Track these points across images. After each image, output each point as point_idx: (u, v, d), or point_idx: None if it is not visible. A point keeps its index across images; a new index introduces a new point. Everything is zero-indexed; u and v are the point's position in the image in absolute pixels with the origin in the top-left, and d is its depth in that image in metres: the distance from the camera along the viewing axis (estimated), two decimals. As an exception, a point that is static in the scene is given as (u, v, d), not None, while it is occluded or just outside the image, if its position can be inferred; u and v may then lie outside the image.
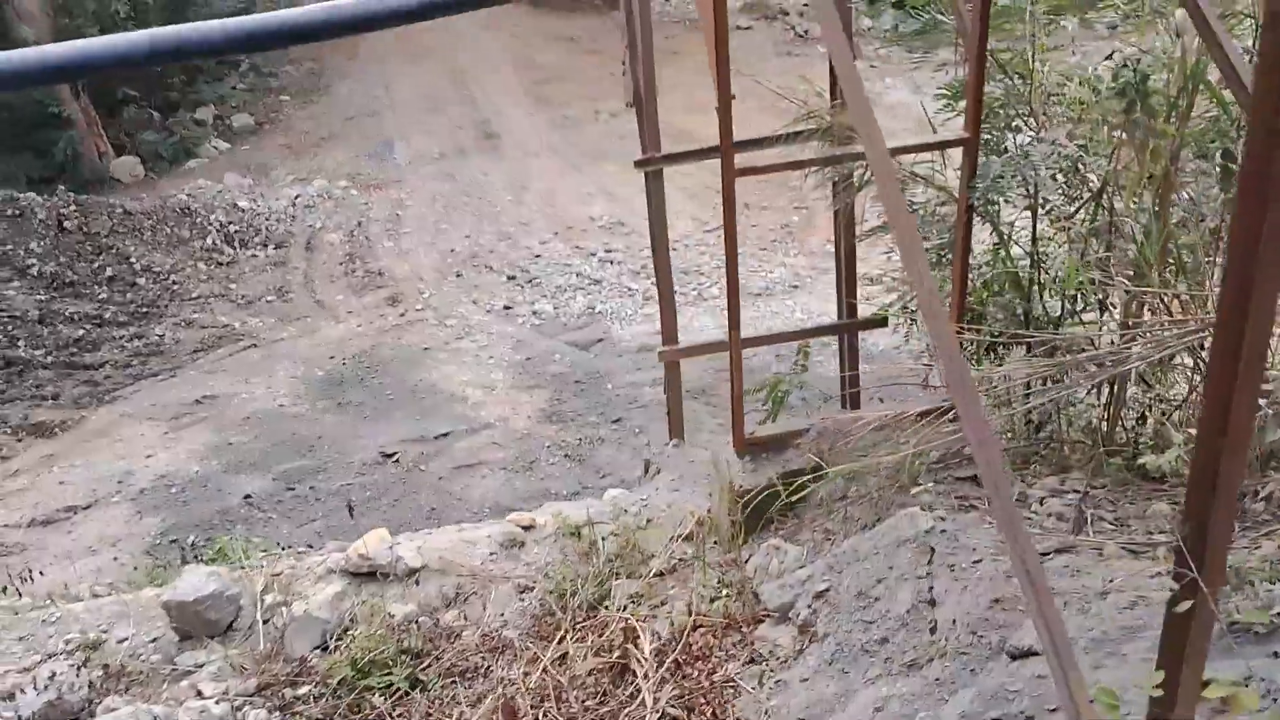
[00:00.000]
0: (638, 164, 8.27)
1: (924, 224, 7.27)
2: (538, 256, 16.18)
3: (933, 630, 4.54)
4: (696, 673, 5.47)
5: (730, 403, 6.91)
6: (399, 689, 6.08)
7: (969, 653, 4.32)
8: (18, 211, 15.50)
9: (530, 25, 26.90)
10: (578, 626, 6.41)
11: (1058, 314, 6.82)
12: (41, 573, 8.99)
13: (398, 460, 12.06)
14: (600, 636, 6.31)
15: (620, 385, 12.76)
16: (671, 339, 8.78)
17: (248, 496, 11.78)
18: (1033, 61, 6.63)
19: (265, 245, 17.26)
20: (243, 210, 17.83)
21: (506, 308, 14.88)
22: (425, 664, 6.32)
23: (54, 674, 6.14)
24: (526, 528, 7.67)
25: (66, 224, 15.73)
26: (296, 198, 18.81)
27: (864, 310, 8.12)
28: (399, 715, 5.96)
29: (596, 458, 11.58)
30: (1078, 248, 6.38)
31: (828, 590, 5.63)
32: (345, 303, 15.50)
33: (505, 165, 20.03)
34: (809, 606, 5.62)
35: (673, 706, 5.22)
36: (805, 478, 6.31)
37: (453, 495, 11.47)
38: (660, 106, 21.50)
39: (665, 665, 5.55)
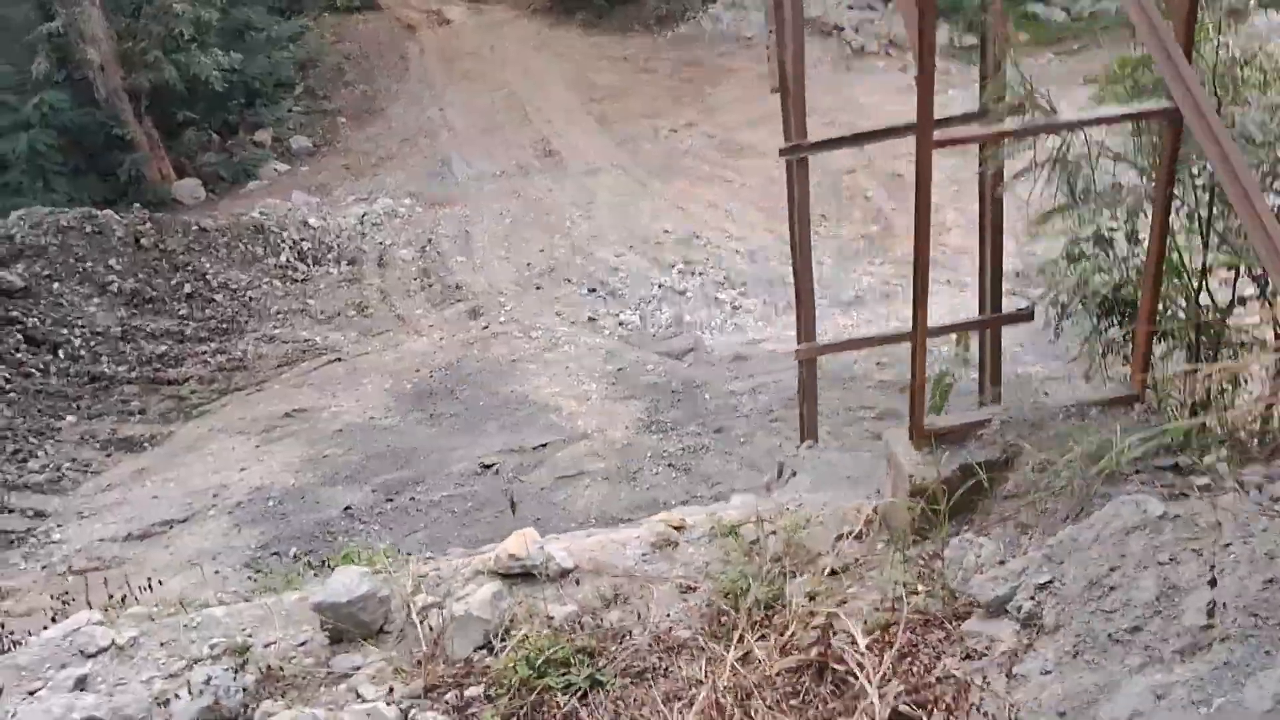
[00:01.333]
0: (782, 151, 8.14)
1: (1095, 204, 7.05)
2: (615, 269, 16.03)
3: (1210, 614, 4.31)
4: (920, 668, 5.23)
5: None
6: (580, 688, 5.84)
7: (1256, 635, 4.10)
8: (96, 229, 15.45)
9: (582, 47, 26.92)
10: (755, 625, 6.18)
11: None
12: (160, 582, 8.83)
13: (497, 471, 11.89)
14: (783, 635, 6.07)
15: (718, 395, 12.58)
16: (809, 335, 8.60)
17: (348, 508, 11.62)
18: (1218, 34, 6.44)
19: (338, 262, 17.19)
20: (313, 228, 17.78)
21: (591, 319, 14.73)
22: (601, 664, 6.08)
23: (209, 678, 5.93)
24: (677, 528, 7.46)
25: (143, 241, 15.68)
26: (364, 215, 18.77)
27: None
28: (586, 714, 5.71)
29: (702, 467, 11.38)
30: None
31: (1051, 582, 5.38)
32: (425, 316, 15.39)
33: (569, 182, 19.93)
34: (1032, 599, 5.37)
35: (904, 704, 4.98)
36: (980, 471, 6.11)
37: (557, 506, 11.28)
38: (717, 121, 21.56)
39: (886, 661, 5.32)
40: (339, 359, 14.48)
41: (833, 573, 6.47)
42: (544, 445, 12.14)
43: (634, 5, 27.81)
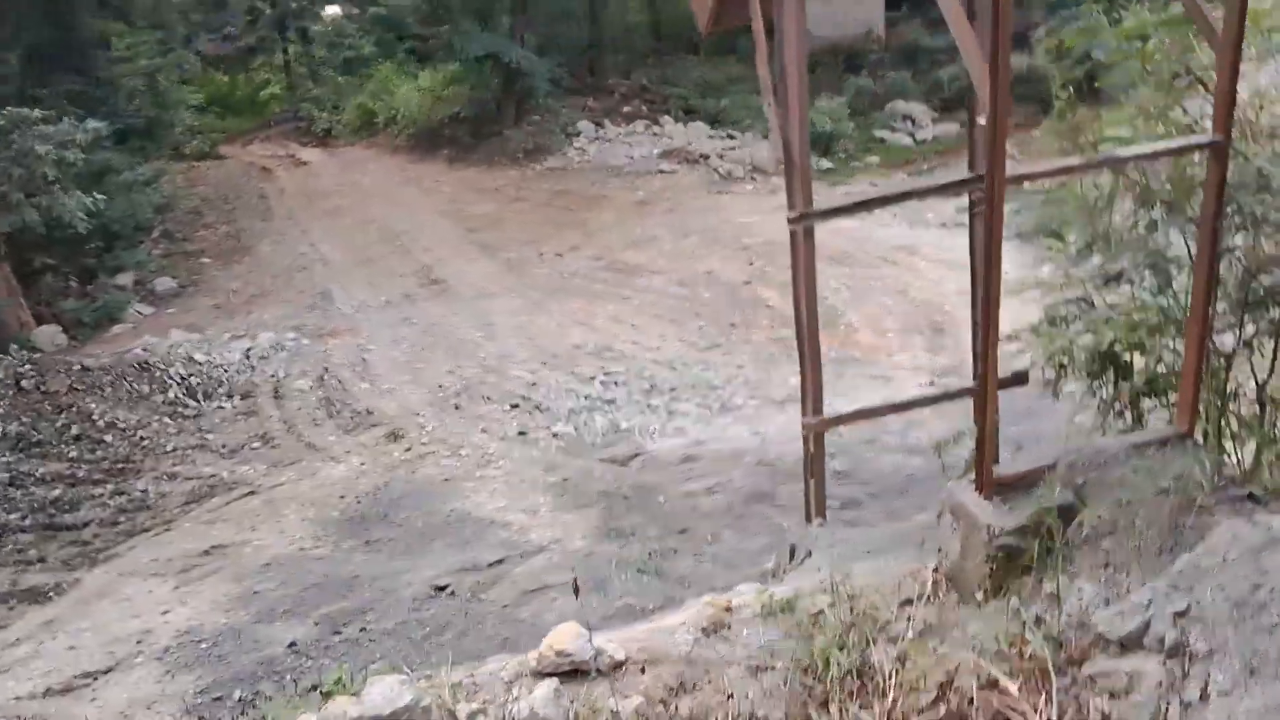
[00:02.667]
0: (791, 221, 7.99)
1: (1119, 244, 7.13)
2: (533, 384, 15.64)
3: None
4: (1073, 711, 4.94)
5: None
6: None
7: None
8: (-30, 373, 14.28)
9: (450, 180, 26.91)
10: (851, 696, 5.81)
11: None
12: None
13: (453, 592, 11.16)
14: (885, 700, 5.72)
15: (673, 497, 12.20)
16: (816, 408, 8.39)
17: (292, 644, 10.67)
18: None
19: (230, 396, 16.31)
20: (199, 363, 16.90)
21: (521, 433, 14.24)
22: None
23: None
24: (726, 609, 7.02)
25: (24, 383, 14.57)
26: (249, 350, 17.97)
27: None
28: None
29: (675, 569, 10.93)
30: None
31: (1188, 609, 5.20)
32: (339, 443, 14.61)
33: (462, 307, 19.58)
34: (1173, 627, 5.17)
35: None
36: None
37: (524, 623, 10.61)
38: (600, 244, 21.72)
39: (1042, 704, 5.01)
40: (252, 492, 13.55)
41: (916, 636, 6.17)
42: (499, 562, 11.49)
43: (498, 140, 28.03)
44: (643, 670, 6.31)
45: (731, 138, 27.20)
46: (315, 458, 14.28)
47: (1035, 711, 5.04)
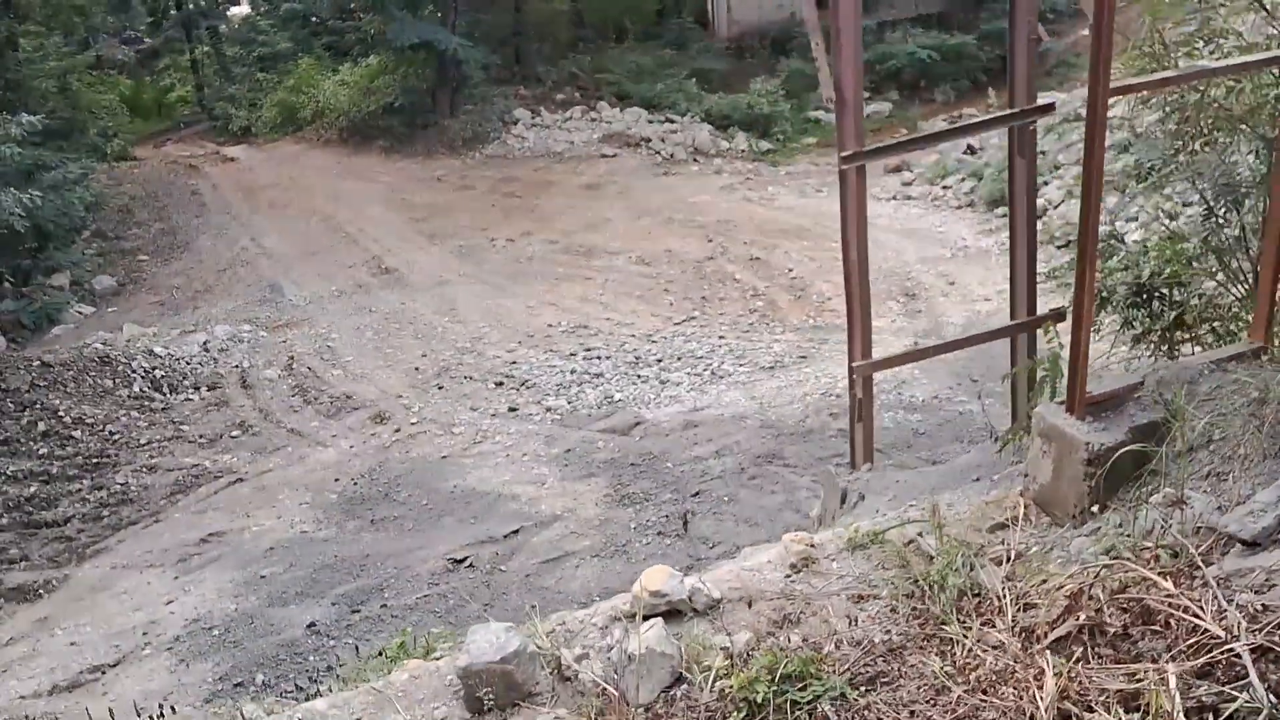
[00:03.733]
0: (843, 159, 8.02)
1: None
2: (514, 363, 15.48)
3: None
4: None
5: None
6: (819, 703, 5.24)
7: None
8: (-71, 372, 13.66)
9: (388, 171, 26.50)
10: (969, 614, 5.81)
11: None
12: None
13: (471, 565, 11.01)
14: (1006, 617, 5.73)
15: (681, 462, 12.17)
16: (865, 351, 8.44)
17: (311, 625, 10.44)
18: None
19: (197, 388, 15.85)
20: (160, 356, 16.36)
21: (512, 409, 14.09)
22: (825, 680, 5.48)
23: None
24: (810, 546, 6.98)
25: (-15, 380, 13.96)
26: (206, 343, 17.45)
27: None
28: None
29: (696, 529, 10.92)
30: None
31: (1319, 506, 5.31)
32: (324, 428, 14.30)
33: (420, 294, 19.28)
34: (1311, 522, 5.28)
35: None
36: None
37: (549, 590, 10.53)
38: (554, 228, 21.69)
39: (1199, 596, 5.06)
40: (239, 479, 13.19)
41: (1012, 559, 6.21)
42: (515, 533, 11.36)
43: (435, 129, 27.68)
44: (747, 606, 6.27)
45: (671, 121, 27.24)
46: (300, 443, 13.95)
47: (1193, 604, 5.09)
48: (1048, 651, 5.44)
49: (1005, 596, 5.90)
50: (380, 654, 7.92)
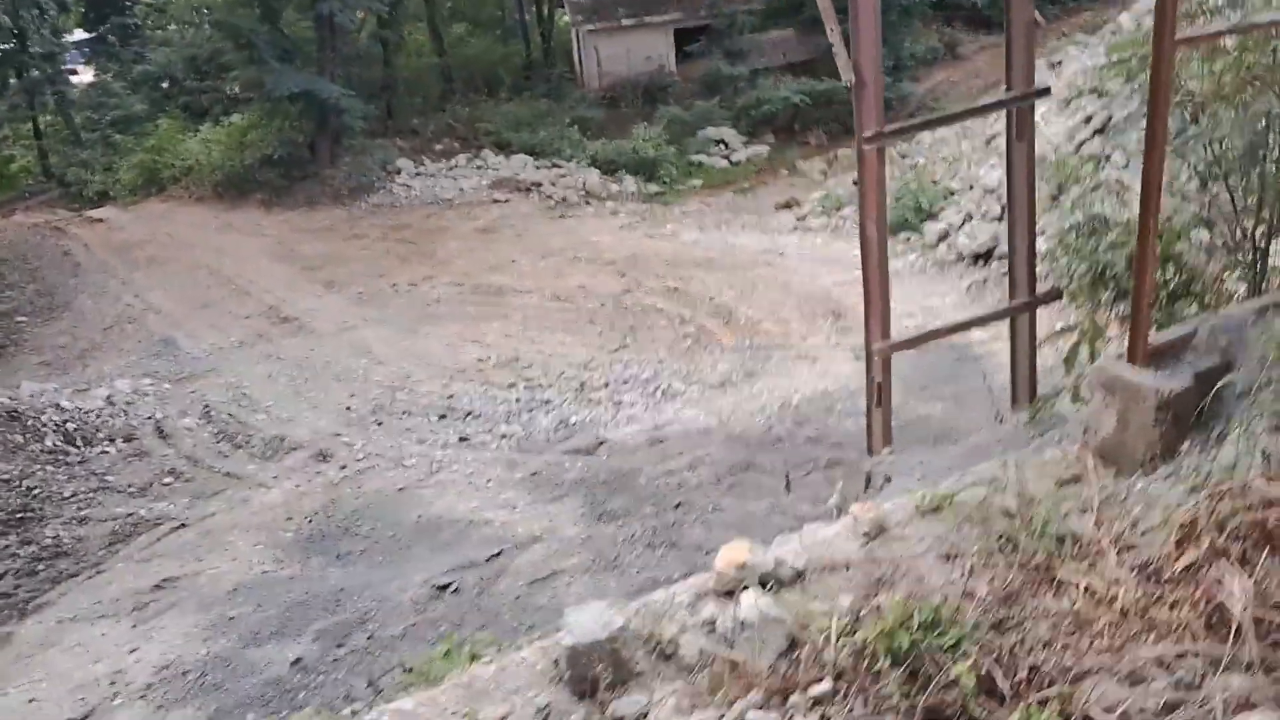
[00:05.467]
0: (866, 140, 8.10)
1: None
2: (451, 396, 15.13)
3: None
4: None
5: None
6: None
7: None
8: None
9: (271, 224, 25.82)
10: (1072, 558, 5.87)
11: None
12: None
13: (457, 590, 10.61)
14: (1109, 558, 5.81)
15: (654, 476, 12.03)
16: (885, 332, 8.52)
17: (297, 662, 9.89)
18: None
19: (112, 440, 14.98)
20: (68, 410, 15.44)
21: (463, 439, 13.73)
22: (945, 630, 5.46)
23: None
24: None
25: (-118, 440, 12.92)
26: (109, 396, 16.56)
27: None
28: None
29: (687, 538, 10.77)
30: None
31: None
32: (262, 470, 13.67)
33: (328, 340, 18.72)
34: None
35: None
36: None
37: (544, 608, 10.20)
38: (455, 271, 21.47)
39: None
40: (182, 525, 12.47)
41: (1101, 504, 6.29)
42: (496, 555, 11.01)
43: (315, 180, 27.13)
44: (831, 573, 6.20)
45: (559, 166, 27.31)
46: (240, 486, 13.29)
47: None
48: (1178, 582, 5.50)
49: (1104, 539, 5.96)
50: (428, 663, 7.56)
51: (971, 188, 19.51)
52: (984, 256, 17.48)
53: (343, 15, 26.13)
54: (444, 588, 10.65)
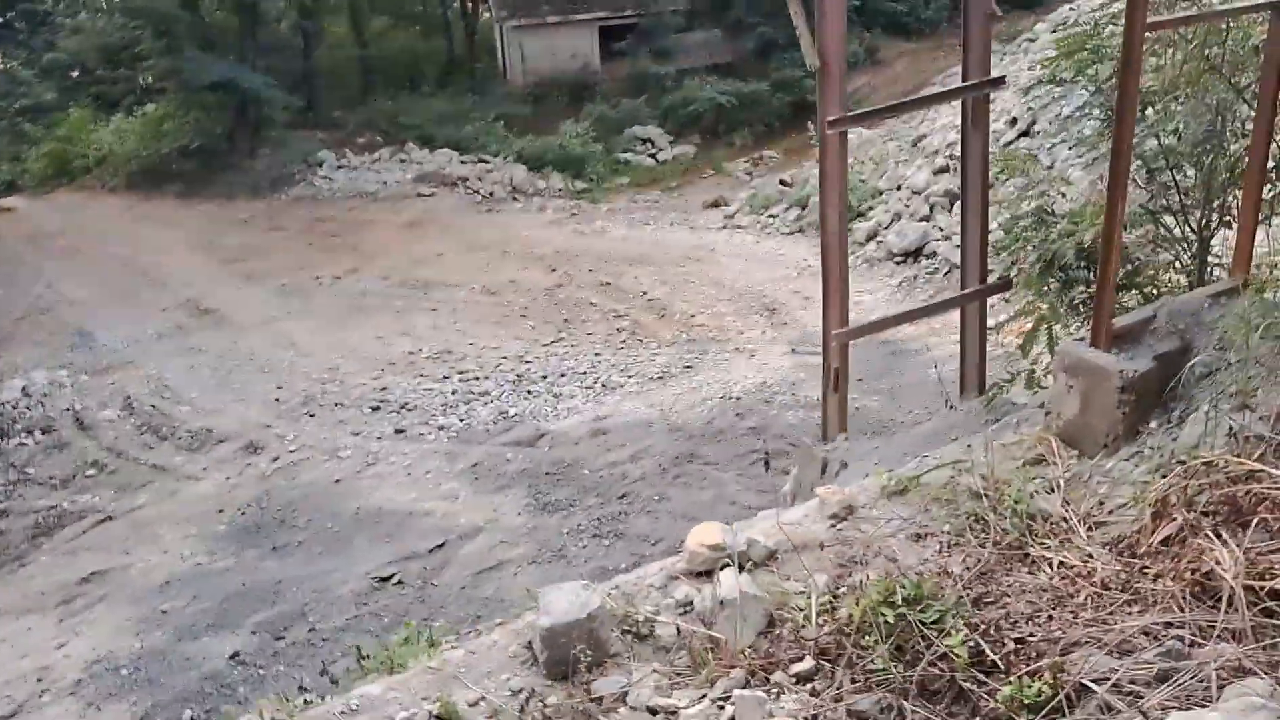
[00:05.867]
0: (830, 124, 8.10)
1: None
2: (384, 389, 14.87)
3: None
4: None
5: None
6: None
7: None
8: None
9: (188, 215, 25.19)
10: (1044, 535, 5.95)
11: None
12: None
13: (400, 581, 10.44)
14: (1080, 535, 5.89)
15: (597, 468, 11.96)
16: (843, 320, 8.54)
17: (234, 656, 9.64)
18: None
19: (30, 432, 14.49)
20: (-24, 404, 14.92)
21: (399, 431, 13.50)
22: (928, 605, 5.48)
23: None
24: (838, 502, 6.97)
25: None
26: (25, 388, 16.01)
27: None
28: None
29: (633, 528, 10.72)
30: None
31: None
32: (190, 461, 13.31)
33: (251, 332, 18.29)
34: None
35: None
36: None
37: (490, 600, 10.11)
38: (381, 265, 21.24)
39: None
40: (108, 518, 12.11)
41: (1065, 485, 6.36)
42: (440, 546, 10.85)
43: (233, 172, 26.54)
44: (803, 554, 6.19)
45: (484, 162, 27.06)
46: (167, 478, 12.93)
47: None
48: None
49: (1073, 518, 6.04)
50: (387, 651, 7.39)
51: (899, 188, 19.77)
52: (913, 254, 17.73)
53: (266, 1, 25.60)
54: (387, 579, 10.47)
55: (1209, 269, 8.68)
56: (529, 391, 14.21)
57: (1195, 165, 8.06)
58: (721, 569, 6.00)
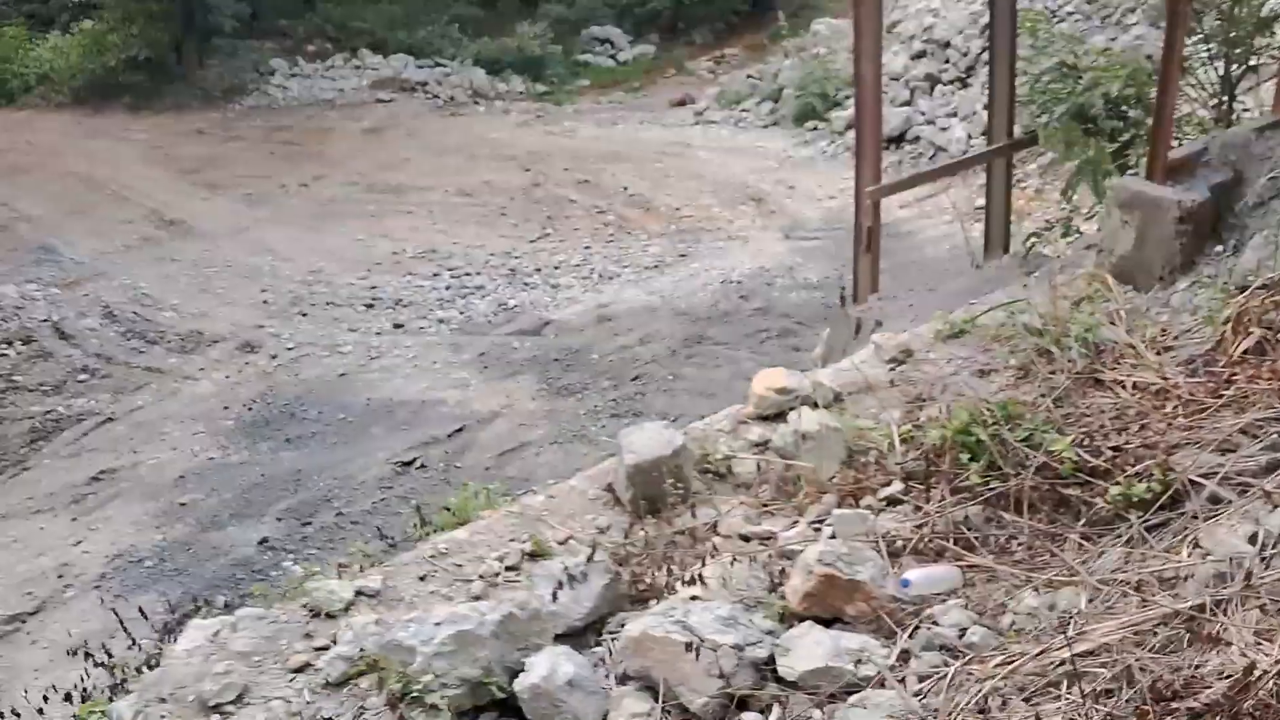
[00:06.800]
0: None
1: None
2: (374, 287, 14.64)
3: None
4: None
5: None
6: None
7: None
8: None
9: (141, 128, 24.38)
10: (1115, 362, 5.99)
11: None
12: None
13: (423, 465, 10.37)
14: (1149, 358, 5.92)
15: (607, 353, 11.91)
16: (875, 177, 8.52)
17: (263, 542, 9.55)
18: None
19: (9, 343, 14.05)
20: (-56, 314, 14.47)
21: (397, 325, 13.33)
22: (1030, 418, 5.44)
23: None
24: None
25: None
26: (-5, 301, 15.55)
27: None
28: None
29: (652, 406, 10.71)
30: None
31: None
32: (185, 363, 13.04)
33: (223, 241, 17.84)
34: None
35: None
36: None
37: (515, 479, 10.04)
38: (348, 171, 20.80)
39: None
40: (109, 419, 11.85)
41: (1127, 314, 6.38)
42: (459, 431, 10.79)
43: (183, 83, 25.74)
44: (882, 391, 6.22)
45: (442, 65, 26.48)
46: (164, 379, 12.67)
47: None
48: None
49: (1140, 343, 6.11)
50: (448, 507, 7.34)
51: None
52: (896, 140, 17.68)
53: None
54: (409, 464, 10.39)
55: (1235, 116, 8.74)
56: (525, 284, 14.07)
57: (1220, 16, 8.09)
58: (790, 411, 6.02)
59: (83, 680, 6.03)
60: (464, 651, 3.96)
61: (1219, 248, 6.80)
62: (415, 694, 3.82)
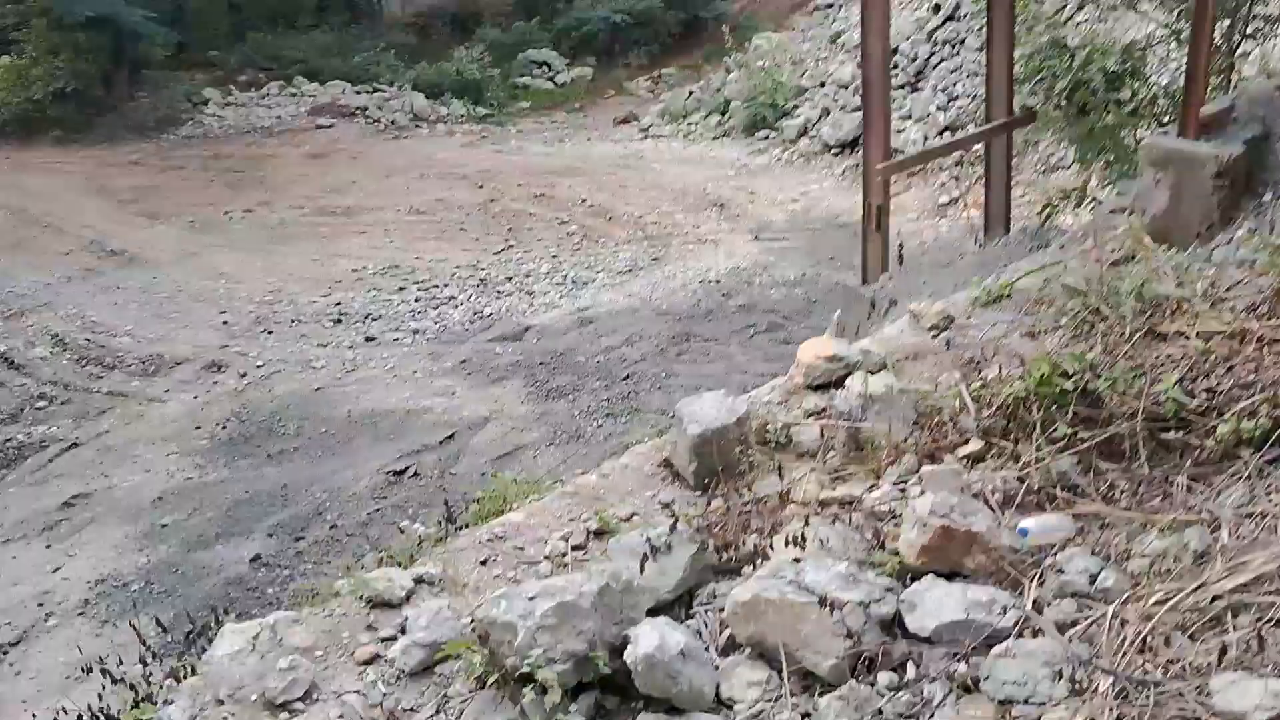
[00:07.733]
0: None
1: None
2: (339, 304, 14.23)
3: None
4: None
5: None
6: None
7: None
8: None
9: (74, 161, 23.67)
10: (1171, 314, 5.91)
11: None
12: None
13: (416, 473, 10.01)
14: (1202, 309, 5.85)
15: (592, 354, 11.66)
16: (885, 153, 8.43)
17: (255, 558, 9.13)
18: None
19: (-46, 371, 13.46)
20: (-114, 347, 13.80)
21: (369, 339, 12.94)
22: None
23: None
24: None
25: None
26: (-64, 333, 14.89)
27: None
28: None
29: (648, 404, 10.48)
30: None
31: None
32: (149, 386, 12.54)
33: (171, 268, 17.29)
34: None
35: None
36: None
37: (515, 482, 9.73)
38: (293, 195, 20.60)
39: None
40: (74, 444, 11.31)
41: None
42: (450, 437, 10.45)
43: (114, 114, 25.11)
44: (932, 357, 6.08)
45: (380, 90, 26.15)
46: (128, 403, 12.15)
47: None
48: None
49: (1195, 296, 6.01)
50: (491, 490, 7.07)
51: (823, 84, 19.77)
52: (850, 145, 17.72)
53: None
54: (401, 472, 10.03)
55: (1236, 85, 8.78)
56: (499, 292, 13.78)
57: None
58: (850, 374, 5.84)
59: (100, 698, 5.64)
60: (566, 624, 3.65)
61: (1255, 201, 6.78)
62: (524, 671, 3.54)
